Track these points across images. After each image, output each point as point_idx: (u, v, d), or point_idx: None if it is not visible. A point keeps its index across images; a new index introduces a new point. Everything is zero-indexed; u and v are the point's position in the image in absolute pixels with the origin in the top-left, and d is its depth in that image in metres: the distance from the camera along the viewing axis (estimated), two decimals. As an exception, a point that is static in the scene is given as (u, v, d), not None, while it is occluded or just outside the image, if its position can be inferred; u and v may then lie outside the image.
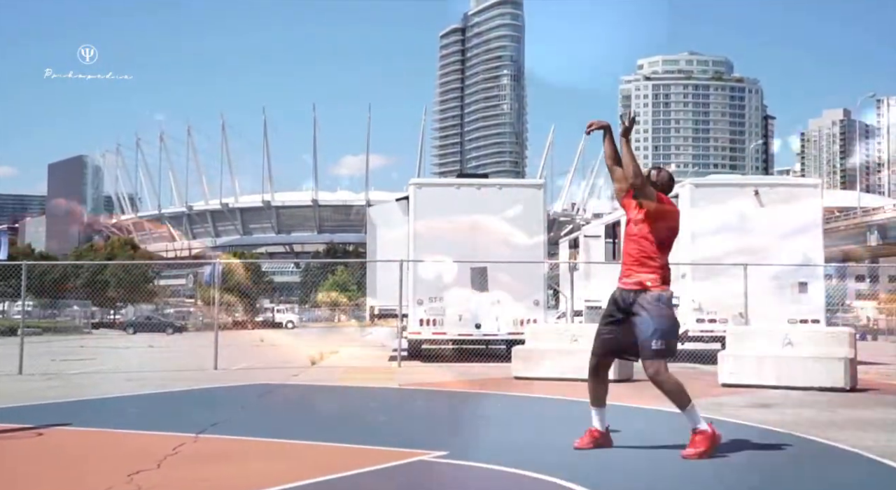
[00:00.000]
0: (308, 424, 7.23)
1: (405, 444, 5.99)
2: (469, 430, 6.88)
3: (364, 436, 6.44)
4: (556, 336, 12.56)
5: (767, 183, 18.15)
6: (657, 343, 5.56)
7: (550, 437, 6.52)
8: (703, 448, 5.47)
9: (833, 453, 5.78)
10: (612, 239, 20.08)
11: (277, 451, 5.89)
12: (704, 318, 16.73)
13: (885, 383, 11.97)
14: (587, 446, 5.76)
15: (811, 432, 6.62)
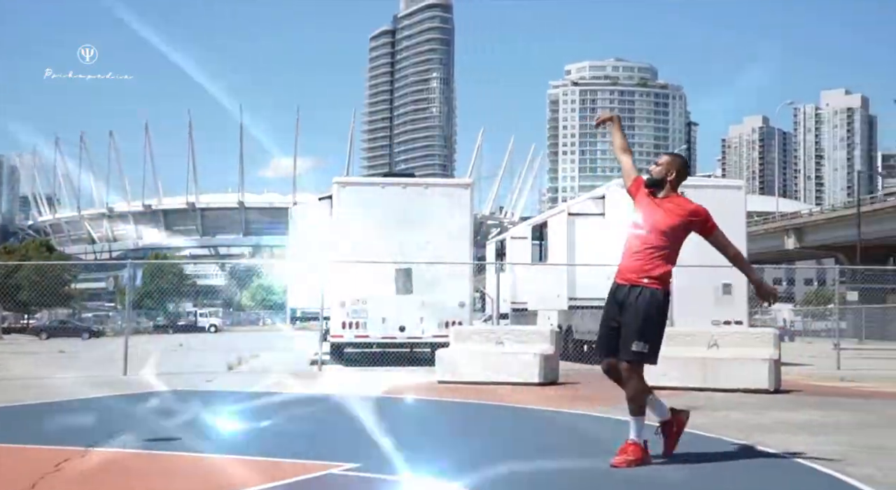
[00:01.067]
0: (214, 435, 6.74)
1: (316, 455, 5.57)
2: (386, 440, 6.48)
3: (273, 447, 6.00)
4: (482, 339, 12.24)
5: (693, 184, 18.05)
6: (637, 345, 5.23)
7: (471, 446, 6.16)
8: (633, 458, 5.18)
9: (763, 457, 5.56)
10: (539, 241, 19.92)
11: (176, 466, 5.41)
12: (631, 320, 16.63)
13: (807, 384, 11.98)
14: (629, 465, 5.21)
15: (740, 436, 6.41)
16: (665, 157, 5.50)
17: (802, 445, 5.96)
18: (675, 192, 5.39)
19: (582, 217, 17.52)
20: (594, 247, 17.23)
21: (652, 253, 5.25)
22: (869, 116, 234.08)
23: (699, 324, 15.32)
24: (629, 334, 5.20)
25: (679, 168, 5.43)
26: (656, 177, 5.39)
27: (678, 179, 5.40)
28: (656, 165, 5.44)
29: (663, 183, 5.37)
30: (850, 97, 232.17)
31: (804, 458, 5.43)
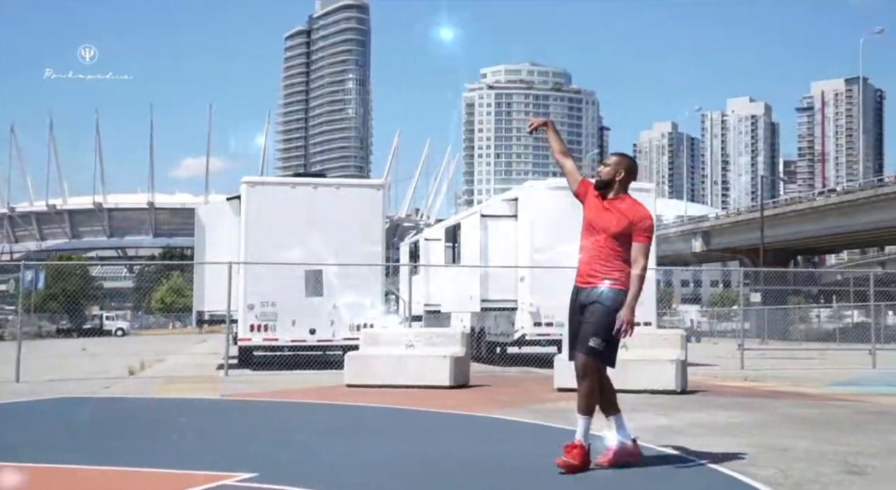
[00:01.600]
0: (104, 445, 6.38)
1: (212, 465, 5.29)
2: (288, 447, 6.25)
3: (167, 457, 5.69)
4: (392, 341, 12.05)
5: (604, 187, 18.34)
6: (594, 341, 5.13)
7: (376, 453, 5.97)
8: (576, 462, 5.07)
9: (668, 460, 5.53)
10: (452, 243, 19.82)
11: (60, 479, 5.06)
12: (542, 322, 16.68)
13: (713, 384, 12.16)
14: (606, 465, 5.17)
15: (646, 438, 6.36)
16: (613, 158, 5.43)
17: (707, 447, 5.97)
18: (625, 193, 5.32)
19: (494, 219, 17.48)
20: (507, 249, 17.26)
21: (609, 255, 5.21)
22: (772, 124, 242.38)
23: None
24: (587, 330, 5.15)
25: (627, 168, 5.34)
26: (605, 178, 5.31)
27: (627, 179, 5.32)
28: (604, 166, 5.36)
29: (612, 183, 5.30)
30: (754, 105, 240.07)
31: (709, 460, 5.41)
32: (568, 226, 16.89)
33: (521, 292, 17.00)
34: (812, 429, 7.01)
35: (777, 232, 58.98)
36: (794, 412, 8.39)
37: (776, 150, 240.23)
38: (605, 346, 5.15)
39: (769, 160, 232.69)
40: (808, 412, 8.41)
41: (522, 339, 17.22)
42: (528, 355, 17.04)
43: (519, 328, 17.09)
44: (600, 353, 5.16)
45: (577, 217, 18.14)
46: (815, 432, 6.77)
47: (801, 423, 7.40)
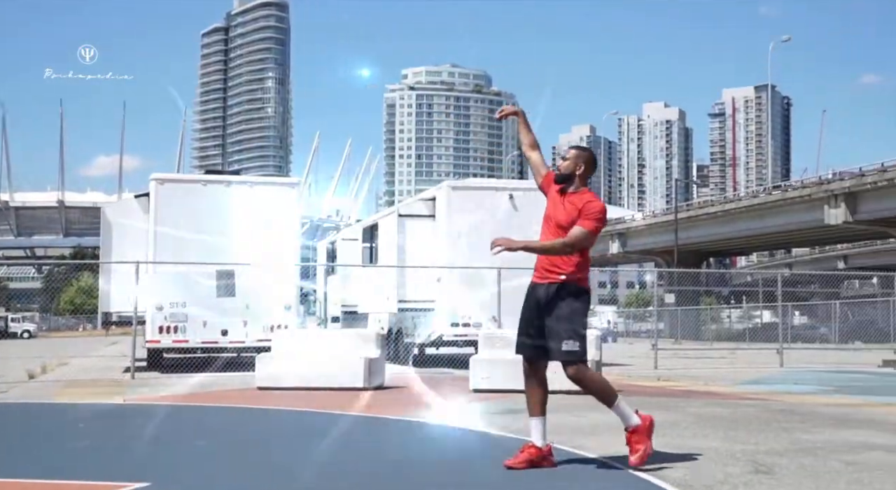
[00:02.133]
0: (-10, 454, 5.99)
1: (103, 475, 5.00)
2: (186, 455, 5.97)
3: (57, 467, 5.36)
4: (304, 342, 11.78)
5: (523, 187, 18.39)
6: (568, 344, 5.03)
7: (279, 459, 5.74)
8: (641, 447, 5.08)
9: (581, 462, 5.46)
10: (369, 243, 19.62)
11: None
12: (459, 323, 16.62)
13: (627, 384, 12.22)
14: (520, 466, 5.06)
15: (559, 440, 6.30)
16: (572, 152, 5.35)
17: (619, 448, 5.90)
18: (584, 187, 5.25)
19: (412, 219, 17.35)
20: (424, 249, 17.13)
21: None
22: (686, 129, 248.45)
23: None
24: (557, 334, 5.03)
25: (587, 161, 5.27)
26: (565, 172, 5.23)
27: (587, 173, 5.25)
28: (563, 160, 5.28)
29: (572, 178, 5.22)
30: (669, 110, 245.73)
31: (621, 462, 5.36)
32: (485, 226, 17.06)
33: (439, 293, 16.90)
34: (722, 428, 7.04)
35: (690, 234, 60.34)
36: (705, 411, 8.45)
37: (690, 154, 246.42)
38: (578, 344, 5.08)
39: (683, 164, 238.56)
40: (718, 411, 8.48)
41: (440, 339, 17.13)
42: (446, 356, 16.94)
43: (436, 329, 16.99)
44: (578, 353, 5.11)
45: (494, 217, 18.11)
46: (726, 432, 6.80)
47: (711, 423, 7.43)
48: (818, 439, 6.37)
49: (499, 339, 11.34)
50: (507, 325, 15.45)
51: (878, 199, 46.47)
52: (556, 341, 5.05)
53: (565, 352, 5.04)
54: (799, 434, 6.70)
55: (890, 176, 45.35)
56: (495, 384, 10.64)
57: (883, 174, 46.04)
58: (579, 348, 5.07)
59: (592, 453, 5.71)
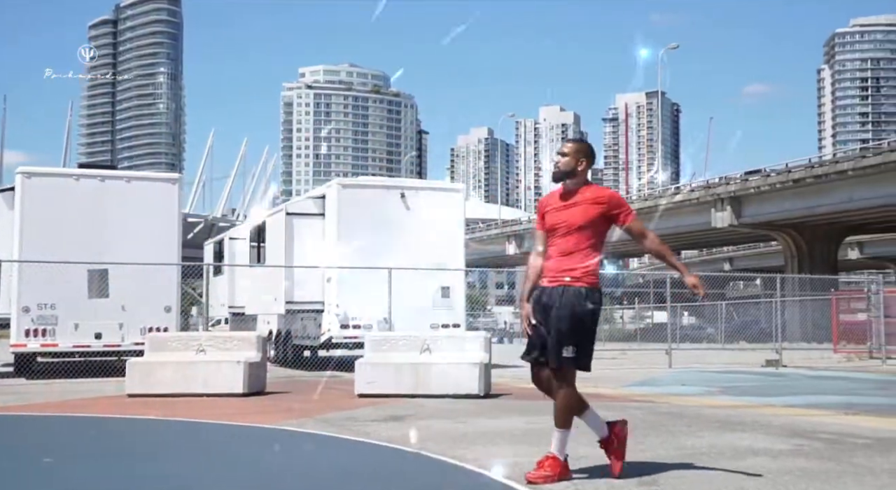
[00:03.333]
0: None
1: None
2: (34, 471, 5.37)
3: None
4: (181, 346, 11.13)
5: (414, 186, 18.07)
6: (568, 349, 4.65)
7: (129, 474, 5.20)
8: (549, 473, 4.72)
9: (456, 473, 5.11)
10: (257, 242, 18.93)
11: None
12: (349, 324, 16.15)
13: (518, 387, 12.00)
14: (540, 481, 4.66)
15: (439, 449, 5.95)
16: (570, 145, 4.96)
17: (499, 457, 5.61)
18: (586, 182, 4.93)
19: (301, 217, 16.78)
20: (313, 248, 16.60)
21: (572, 251, 4.77)
22: (580, 132, 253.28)
23: (418, 327, 15.13)
24: (557, 339, 4.68)
25: (587, 153, 4.94)
26: (566, 169, 4.87)
27: (588, 165, 4.92)
28: (562, 156, 4.90)
29: (574, 173, 4.87)
30: (564, 114, 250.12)
31: (496, 474, 5.05)
32: (376, 225, 16.65)
33: (328, 293, 16.41)
34: (609, 433, 6.83)
35: (584, 236, 61.20)
36: (593, 415, 8.25)
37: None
38: (577, 351, 4.70)
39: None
40: (604, 415, 8.22)
41: (329, 341, 16.63)
42: (337, 358, 16.44)
43: (325, 331, 16.49)
44: (575, 360, 4.72)
45: (385, 216, 17.63)
46: (612, 437, 6.58)
47: (598, 427, 7.22)
48: (703, 444, 6.21)
49: (386, 342, 10.97)
50: (399, 327, 15.10)
51: (761, 202, 48.09)
52: (556, 346, 4.71)
53: (564, 358, 4.70)
54: (684, 439, 6.54)
55: (772, 180, 46.99)
56: (381, 389, 10.27)
57: (766, 179, 47.66)
58: (578, 355, 4.73)
59: (471, 463, 5.35)
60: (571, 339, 4.68)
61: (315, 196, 17.76)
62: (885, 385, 12.79)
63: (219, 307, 22.00)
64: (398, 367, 10.43)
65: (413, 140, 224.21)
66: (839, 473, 5.07)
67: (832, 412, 8.45)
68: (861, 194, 42.70)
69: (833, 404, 9.41)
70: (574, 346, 4.68)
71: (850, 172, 42.66)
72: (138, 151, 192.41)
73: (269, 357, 18.87)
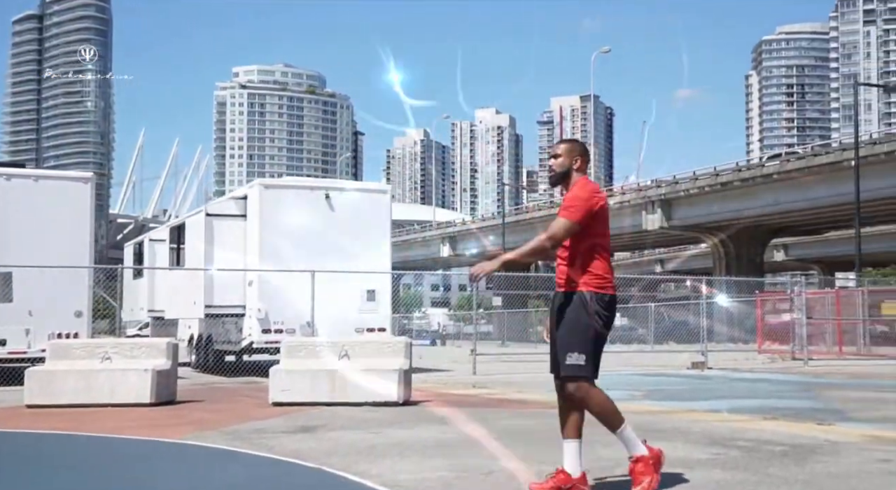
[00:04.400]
0: None
1: None
2: None
3: None
4: (85, 353, 10.55)
5: (339, 187, 17.66)
6: (572, 356, 4.41)
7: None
8: (648, 477, 4.41)
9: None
10: (177, 244, 18.32)
11: None
12: (271, 329, 15.71)
13: (440, 393, 11.74)
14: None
15: (343, 464, 5.62)
16: (563, 146, 4.70)
17: (405, 473, 5.29)
18: (582, 178, 4.65)
19: (221, 218, 16.26)
20: (234, 250, 16.11)
21: (573, 254, 4.52)
22: (516, 135, 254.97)
23: (343, 331, 14.77)
24: (562, 346, 4.47)
25: (581, 152, 4.69)
26: (561, 170, 4.63)
27: (583, 166, 4.68)
28: (555, 158, 4.66)
29: (570, 174, 4.62)
30: (500, 116, 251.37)
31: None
32: (300, 226, 16.20)
33: (250, 297, 15.94)
34: (524, 444, 6.58)
35: (519, 238, 61.43)
36: (511, 424, 8.02)
37: (520, 160, 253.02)
38: (585, 358, 4.41)
39: (513, 169, 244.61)
40: (524, 424, 8.07)
41: (250, 346, 16.15)
42: (260, 364, 15.96)
43: (247, 335, 16.01)
44: (584, 367, 4.42)
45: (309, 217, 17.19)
46: (527, 448, 6.33)
47: (514, 438, 6.97)
48: (618, 457, 5.97)
49: (302, 348, 10.57)
50: (323, 331, 14.69)
51: (690, 205, 48.77)
52: (562, 353, 4.46)
53: (570, 366, 4.43)
54: (600, 449, 6.30)
55: (701, 184, 47.67)
56: (297, 397, 9.88)
57: (695, 182, 48.33)
58: (585, 363, 4.42)
59: (372, 481, 5.02)
60: (577, 346, 4.43)
61: (237, 197, 17.27)
62: (805, 387, 12.83)
63: (139, 311, 21.30)
64: (314, 374, 10.05)
65: (349, 141, 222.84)
66: (755, 484, 4.89)
67: (752, 417, 8.34)
68: (786, 197, 43.60)
69: (753, 408, 9.33)
70: (580, 352, 4.42)
71: (776, 176, 43.53)
72: (66, 150, 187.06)
73: (189, 362, 18.38)
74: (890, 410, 8.99)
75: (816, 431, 7.19)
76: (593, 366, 4.48)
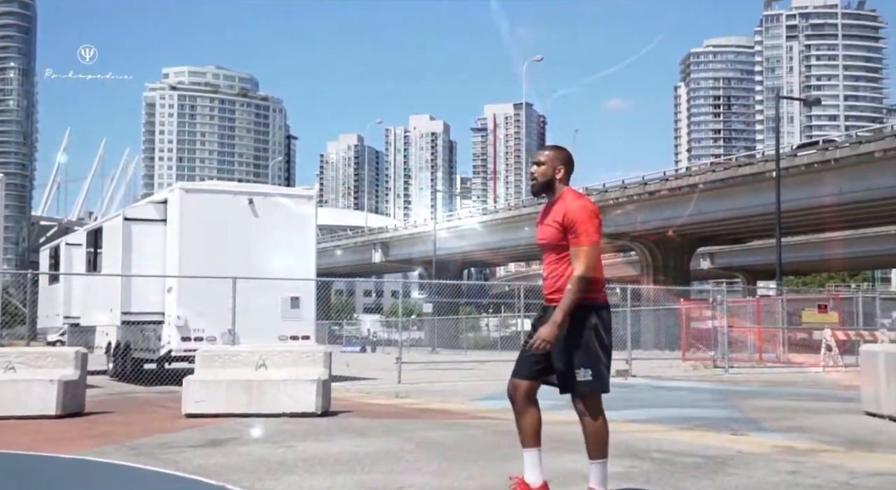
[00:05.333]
0: None
1: None
2: None
3: None
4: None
5: (263, 192, 17.34)
6: (580, 373, 4.27)
7: None
8: None
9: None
10: (94, 248, 17.76)
11: None
12: (191, 336, 15.32)
13: (361, 403, 11.56)
14: None
15: (248, 481, 5.41)
16: (546, 153, 4.53)
17: (315, 488, 5.13)
18: (566, 188, 4.49)
19: (140, 223, 15.83)
20: (154, 256, 15.70)
21: (563, 267, 4.36)
22: (450, 141, 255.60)
23: (266, 339, 14.50)
24: (567, 365, 4.27)
25: (565, 160, 4.53)
26: (543, 179, 4.47)
27: (567, 175, 4.52)
28: (538, 165, 4.48)
29: (552, 184, 4.46)
30: (434, 122, 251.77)
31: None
32: (222, 232, 15.84)
33: (169, 304, 15.52)
34: (440, 457, 6.45)
35: (452, 245, 61.53)
36: (430, 436, 7.88)
37: (454, 167, 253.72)
38: (592, 373, 4.26)
39: (448, 176, 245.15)
40: (444, 435, 7.93)
41: (169, 354, 15.73)
42: (180, 372, 15.54)
43: (165, 343, 15.59)
44: (592, 384, 4.28)
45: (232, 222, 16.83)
46: (441, 463, 6.20)
47: (431, 451, 6.84)
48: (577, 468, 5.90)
49: (218, 358, 10.28)
50: (245, 339, 14.37)
51: (620, 214, 49.38)
52: (567, 370, 4.28)
53: (580, 383, 4.28)
54: (518, 463, 6.21)
55: (629, 193, 48.32)
56: (211, 408, 9.59)
57: (623, 191, 49.03)
58: (593, 377, 4.29)
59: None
60: (584, 362, 4.28)
61: (156, 201, 16.83)
62: (723, 396, 13.00)
63: (55, 317, 20.64)
64: (230, 384, 9.77)
65: (281, 146, 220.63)
66: (665, 500, 4.85)
67: (669, 428, 8.37)
68: (711, 207, 44.49)
69: (671, 418, 9.38)
70: (587, 367, 4.28)
71: (702, 186, 44.41)
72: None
73: (107, 371, 17.83)
74: (801, 420, 9.12)
75: (730, 442, 7.23)
76: (600, 379, 4.35)
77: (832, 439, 7.50)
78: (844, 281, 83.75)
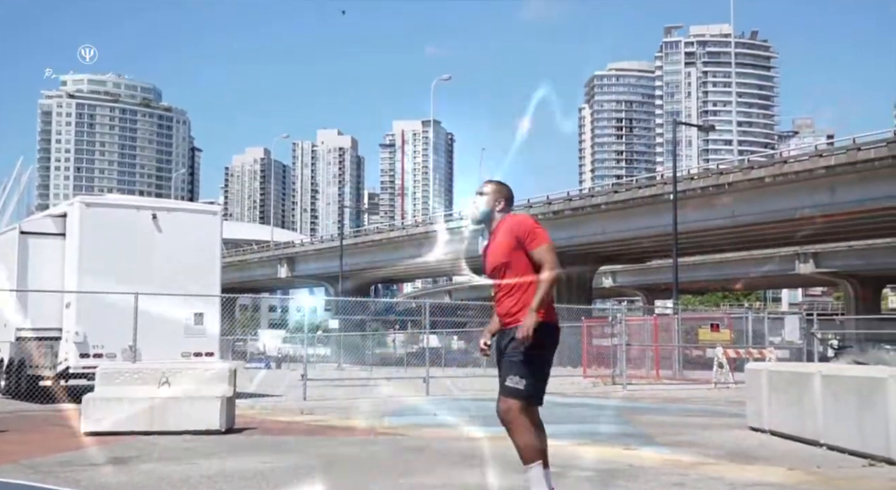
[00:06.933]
0: None
1: None
2: None
3: None
4: None
5: (167, 207, 17.13)
6: (512, 379, 4.63)
7: None
8: None
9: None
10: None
11: None
12: (90, 353, 14.97)
13: (266, 420, 11.56)
14: None
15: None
16: (489, 186, 4.92)
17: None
18: (508, 215, 4.91)
19: (37, 237, 15.45)
20: (51, 271, 15.33)
21: (513, 288, 4.67)
22: (358, 157, 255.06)
23: (169, 356, 14.30)
24: (504, 370, 4.69)
25: (507, 196, 4.97)
26: (484, 208, 4.86)
27: (506, 209, 4.94)
28: (480, 195, 4.85)
29: (491, 214, 4.92)
30: (342, 137, 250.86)
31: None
32: (124, 247, 15.59)
33: (67, 320, 15.16)
34: (344, 474, 6.60)
35: (357, 260, 61.41)
36: (336, 452, 8.00)
37: (362, 182, 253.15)
38: (525, 383, 4.54)
39: (356, 192, 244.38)
40: (349, 452, 8.07)
41: (66, 371, 15.34)
42: (79, 390, 15.18)
43: (63, 360, 15.20)
44: (521, 392, 4.55)
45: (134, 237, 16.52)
46: (345, 480, 6.35)
47: (336, 467, 6.98)
48: (434, 484, 6.11)
49: (119, 375, 10.17)
50: (147, 356, 14.16)
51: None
52: (504, 376, 4.69)
53: (508, 388, 4.61)
54: (419, 477, 6.42)
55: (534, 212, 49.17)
56: (112, 426, 9.48)
57: (528, 210, 49.82)
58: (525, 387, 4.58)
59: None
60: (519, 371, 4.61)
61: (55, 214, 16.44)
62: (619, 412, 13.46)
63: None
64: (132, 401, 9.68)
65: (185, 157, 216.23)
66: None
67: (565, 443, 8.66)
68: (613, 227, 45.68)
69: (570, 433, 9.70)
70: (521, 377, 4.60)
71: (604, 206, 45.58)
72: None
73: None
74: (690, 435, 9.56)
75: (622, 456, 7.58)
76: (534, 390, 4.66)
77: (716, 453, 7.93)
78: (738, 300, 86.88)
